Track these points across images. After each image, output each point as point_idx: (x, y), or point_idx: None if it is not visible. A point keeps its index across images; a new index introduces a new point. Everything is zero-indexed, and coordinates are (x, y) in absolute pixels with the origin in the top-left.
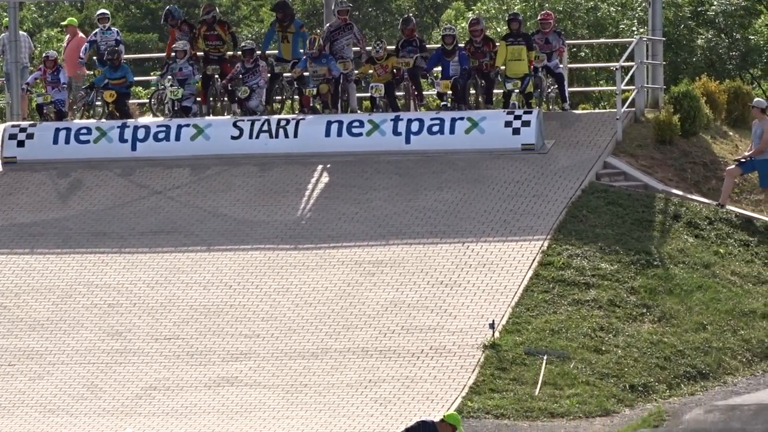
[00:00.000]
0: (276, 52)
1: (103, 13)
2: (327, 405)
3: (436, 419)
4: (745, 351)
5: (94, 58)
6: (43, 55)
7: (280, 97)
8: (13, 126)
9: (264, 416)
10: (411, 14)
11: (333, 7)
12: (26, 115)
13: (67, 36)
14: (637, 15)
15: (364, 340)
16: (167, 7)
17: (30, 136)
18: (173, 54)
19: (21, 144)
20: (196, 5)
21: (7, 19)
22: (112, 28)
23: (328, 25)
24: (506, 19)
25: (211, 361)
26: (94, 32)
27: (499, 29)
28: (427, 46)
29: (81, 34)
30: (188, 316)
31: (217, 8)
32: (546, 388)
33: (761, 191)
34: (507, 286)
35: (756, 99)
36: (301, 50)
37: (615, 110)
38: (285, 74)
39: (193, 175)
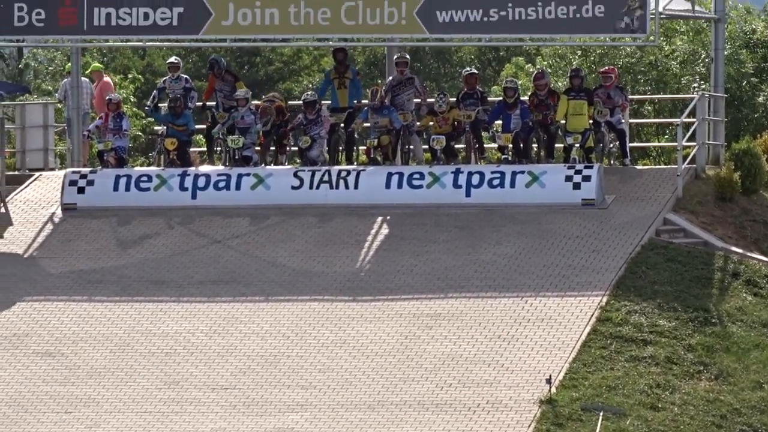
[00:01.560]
0: (329, 102)
1: (173, 62)
2: None
3: None
4: None
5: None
6: (106, 98)
7: (338, 148)
8: (73, 172)
9: None
10: (473, 67)
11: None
12: (87, 161)
13: (94, 83)
14: (699, 71)
15: (420, 393)
16: (212, 56)
17: (90, 183)
18: (235, 103)
19: (81, 190)
20: (251, 62)
21: (69, 65)
22: (182, 76)
23: (390, 78)
24: (568, 74)
25: (267, 411)
26: (162, 80)
27: (560, 84)
28: (489, 98)
29: (107, 79)
30: (245, 366)
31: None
32: None
33: None
34: (564, 341)
35: None
36: (355, 101)
37: (675, 166)
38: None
39: (252, 225)
